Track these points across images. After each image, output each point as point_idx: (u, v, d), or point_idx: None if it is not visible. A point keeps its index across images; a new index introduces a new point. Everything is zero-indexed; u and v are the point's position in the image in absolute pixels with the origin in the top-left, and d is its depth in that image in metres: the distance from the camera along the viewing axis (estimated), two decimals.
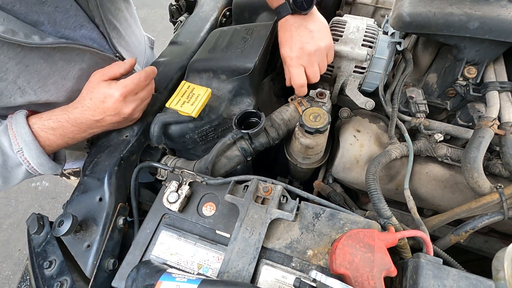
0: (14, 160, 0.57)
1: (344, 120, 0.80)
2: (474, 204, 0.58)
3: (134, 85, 0.60)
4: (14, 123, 0.57)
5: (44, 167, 0.60)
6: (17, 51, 0.52)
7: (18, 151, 0.56)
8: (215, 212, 0.56)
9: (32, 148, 0.57)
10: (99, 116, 0.59)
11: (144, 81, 0.61)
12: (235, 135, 0.65)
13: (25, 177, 0.61)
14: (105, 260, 0.55)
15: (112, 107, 0.59)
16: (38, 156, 0.58)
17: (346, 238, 0.45)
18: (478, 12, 0.59)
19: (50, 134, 0.59)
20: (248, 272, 0.46)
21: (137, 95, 0.62)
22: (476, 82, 0.68)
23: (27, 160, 0.58)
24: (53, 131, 0.59)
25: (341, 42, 0.73)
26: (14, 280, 1.87)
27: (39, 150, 0.58)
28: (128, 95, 0.59)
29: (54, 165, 0.62)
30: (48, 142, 0.60)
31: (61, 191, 2.24)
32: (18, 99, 0.58)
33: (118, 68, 0.61)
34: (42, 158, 0.59)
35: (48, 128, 0.59)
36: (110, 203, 0.58)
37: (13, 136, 0.56)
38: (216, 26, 0.89)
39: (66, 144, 0.62)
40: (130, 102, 0.61)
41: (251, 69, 0.67)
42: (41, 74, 0.58)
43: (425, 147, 0.69)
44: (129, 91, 0.59)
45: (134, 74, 0.61)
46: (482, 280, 0.42)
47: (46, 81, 0.59)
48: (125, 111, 0.60)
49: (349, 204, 0.79)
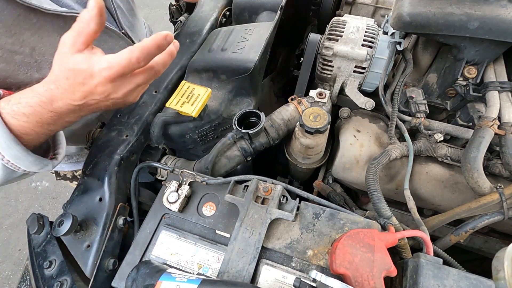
0: None
1: (344, 120, 0.80)
2: (474, 204, 0.58)
3: (122, 67, 0.44)
4: None
5: (22, 160, 0.49)
6: (33, 22, 0.52)
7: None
8: (215, 212, 0.56)
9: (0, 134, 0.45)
10: (81, 101, 0.47)
11: (137, 62, 0.45)
12: (235, 135, 0.65)
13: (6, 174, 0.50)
14: (105, 260, 0.55)
15: (98, 91, 0.46)
16: (9, 146, 0.46)
17: (346, 238, 0.45)
18: (478, 12, 0.59)
19: (23, 122, 0.47)
20: (248, 272, 0.46)
21: (130, 79, 0.48)
22: (476, 82, 0.68)
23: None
24: (25, 117, 0.47)
25: (341, 42, 0.73)
26: (14, 280, 1.87)
27: (10, 137, 0.46)
28: (116, 78, 0.45)
29: (36, 159, 0.50)
30: (22, 129, 0.47)
31: (61, 191, 2.24)
32: (35, 74, 0.56)
33: (87, 24, 0.43)
34: (15, 149, 0.47)
35: (19, 114, 0.47)
36: (110, 203, 0.58)
37: None
38: (216, 26, 0.89)
39: (49, 131, 0.51)
40: (121, 87, 0.47)
41: (251, 69, 0.67)
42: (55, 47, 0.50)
43: (425, 147, 0.69)
44: (116, 74, 0.45)
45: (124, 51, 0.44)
46: (482, 280, 0.42)
47: None
48: (116, 95, 0.48)
49: (349, 204, 0.79)
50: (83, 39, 0.44)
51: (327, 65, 0.76)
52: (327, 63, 0.75)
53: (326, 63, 0.75)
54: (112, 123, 0.69)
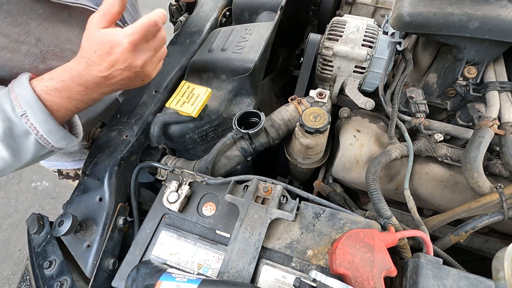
0: (20, 127, 0.51)
1: (344, 120, 0.80)
2: (474, 204, 0.58)
3: (144, 30, 0.50)
4: (16, 84, 0.52)
5: (55, 135, 0.53)
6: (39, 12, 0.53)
7: (22, 114, 0.50)
8: (215, 212, 0.56)
9: (36, 110, 0.50)
10: (107, 72, 0.52)
11: (154, 25, 0.51)
12: (235, 135, 0.65)
13: (36, 151, 0.54)
14: (105, 260, 0.55)
15: (122, 59, 0.51)
16: (45, 120, 0.51)
17: (346, 238, 0.45)
18: (478, 12, 0.59)
19: (56, 97, 0.52)
20: (248, 272, 0.46)
21: (149, 44, 0.53)
22: (476, 82, 0.68)
23: (34, 126, 0.50)
24: (58, 92, 0.52)
25: (341, 42, 0.73)
26: (14, 280, 1.87)
27: (45, 113, 0.51)
28: (138, 43, 0.51)
29: (66, 134, 0.55)
30: (55, 106, 0.52)
31: (61, 191, 2.24)
32: (40, 65, 0.57)
33: (113, 6, 0.50)
34: (50, 124, 0.51)
35: (52, 89, 0.51)
36: (110, 203, 0.58)
37: (15, 98, 0.50)
38: (216, 26, 0.89)
39: (75, 108, 0.55)
40: (141, 52, 0.52)
41: (251, 69, 0.67)
42: (60, 39, 0.57)
43: (425, 147, 0.69)
44: (139, 38, 0.50)
45: (142, 18, 0.51)
46: (482, 280, 0.42)
47: (64, 46, 0.59)
48: (137, 63, 0.53)
49: (349, 204, 0.79)
50: (108, 18, 0.50)
51: (327, 65, 0.76)
52: (327, 63, 0.75)
53: (326, 63, 0.75)
54: (112, 123, 0.69)
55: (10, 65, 0.55)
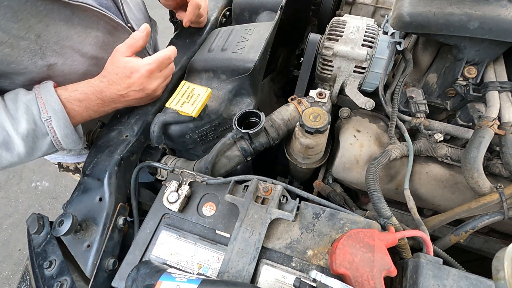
0: (41, 129, 0.57)
1: (344, 120, 0.80)
2: (474, 204, 0.58)
3: (159, 62, 0.62)
4: (42, 92, 0.57)
5: (68, 139, 0.60)
6: (40, 9, 0.53)
7: (47, 119, 0.56)
8: (215, 212, 0.56)
9: (60, 117, 0.57)
10: (124, 91, 0.61)
11: (168, 59, 0.64)
12: (235, 135, 0.65)
13: (47, 150, 0.60)
14: (105, 260, 0.55)
15: (138, 83, 0.61)
16: (65, 126, 0.58)
17: (346, 238, 0.45)
18: (478, 12, 0.59)
19: (76, 106, 0.60)
20: (248, 272, 0.46)
21: (162, 72, 0.64)
22: (476, 82, 0.67)
23: (54, 130, 0.57)
24: (79, 102, 0.60)
25: (341, 42, 0.73)
26: (14, 280, 1.87)
27: (67, 120, 0.58)
28: (154, 71, 0.62)
29: (77, 138, 0.61)
30: (73, 113, 0.60)
31: (61, 191, 2.24)
32: (39, 61, 0.58)
33: (137, 41, 0.63)
34: (68, 129, 0.59)
35: (75, 99, 0.59)
36: (110, 203, 0.58)
37: (42, 104, 0.56)
38: (216, 26, 0.89)
39: (89, 117, 0.63)
40: (154, 79, 0.63)
41: (251, 69, 0.67)
42: (60, 36, 0.59)
43: (425, 147, 0.69)
44: (155, 68, 0.62)
45: (159, 52, 0.64)
46: (482, 280, 0.42)
47: (64, 44, 0.60)
48: (150, 87, 0.63)
49: (349, 204, 0.79)
50: (132, 49, 0.63)
51: (327, 65, 0.76)
52: (327, 63, 0.75)
53: (326, 63, 0.75)
54: (112, 123, 0.69)
55: (9, 60, 0.55)
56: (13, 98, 0.57)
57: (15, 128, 0.55)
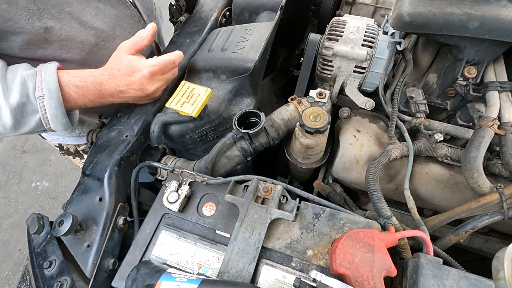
0: (32, 105, 0.57)
1: (344, 120, 0.80)
2: (474, 204, 0.58)
3: (163, 65, 0.62)
4: (44, 70, 0.58)
5: (58, 121, 0.60)
6: None
7: (39, 96, 0.56)
8: (215, 212, 0.56)
9: (54, 97, 0.57)
10: (124, 88, 0.62)
11: (173, 63, 0.64)
12: (235, 135, 0.65)
13: (35, 127, 0.60)
14: (105, 260, 0.55)
15: (138, 82, 0.61)
16: (56, 106, 0.58)
17: (346, 238, 0.45)
18: (478, 12, 0.59)
19: (72, 91, 0.60)
20: (248, 272, 0.46)
21: (163, 76, 0.64)
22: (476, 82, 0.67)
23: (45, 108, 0.57)
24: (76, 88, 0.60)
25: (341, 42, 0.73)
26: (14, 280, 1.87)
27: (59, 101, 0.58)
28: (156, 74, 0.62)
29: (67, 122, 0.61)
30: (68, 97, 0.60)
31: (61, 191, 2.24)
32: (36, 22, 0.58)
33: (142, 40, 0.63)
34: (59, 110, 0.59)
35: (73, 84, 0.60)
36: (110, 203, 0.58)
37: (39, 82, 0.57)
38: (216, 26, 0.89)
39: (84, 105, 0.63)
40: (155, 81, 0.63)
41: (251, 69, 0.67)
42: (59, 1, 0.59)
43: (425, 147, 0.69)
44: (157, 71, 0.62)
45: (164, 55, 0.63)
46: (482, 280, 0.42)
47: (63, 9, 0.60)
48: (149, 88, 0.63)
49: (349, 204, 0.79)
50: (136, 48, 0.63)
51: (327, 65, 0.76)
52: (327, 63, 0.75)
53: (326, 63, 0.75)
54: (112, 123, 0.69)
55: (6, 16, 0.55)
56: (13, 69, 0.57)
57: (6, 97, 0.55)
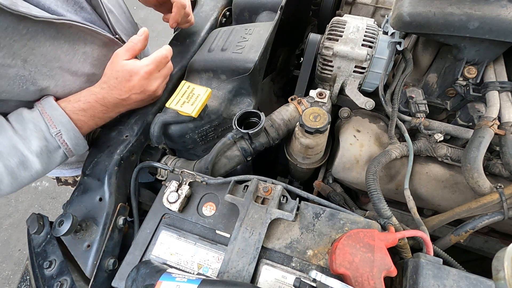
0: (52, 144, 0.57)
1: (344, 120, 0.80)
2: (474, 204, 0.58)
3: (157, 62, 0.63)
4: (46, 107, 0.58)
5: (79, 147, 0.61)
6: (23, 33, 0.51)
7: (56, 134, 0.57)
8: (215, 212, 0.56)
9: (69, 129, 0.58)
10: (126, 95, 0.62)
11: (166, 58, 0.65)
12: (235, 135, 0.65)
13: (61, 161, 0.61)
14: (105, 260, 0.55)
15: (138, 85, 0.61)
16: (75, 136, 0.59)
17: (346, 238, 0.45)
18: (478, 12, 0.59)
19: (82, 116, 0.60)
20: (248, 272, 0.46)
21: (160, 72, 0.65)
22: (476, 82, 0.67)
23: (65, 142, 0.58)
24: (84, 112, 0.60)
25: (341, 42, 0.73)
26: (14, 280, 1.87)
27: (76, 130, 0.59)
28: (153, 72, 0.63)
29: (86, 144, 0.62)
30: (80, 123, 0.60)
31: (61, 191, 2.24)
32: (31, 87, 0.57)
33: (136, 44, 0.63)
34: (79, 139, 0.60)
35: (79, 109, 0.60)
36: (110, 203, 0.58)
37: (49, 120, 0.57)
38: (216, 26, 0.89)
39: (95, 125, 0.63)
40: (154, 80, 0.64)
41: (251, 69, 0.67)
42: (47, 58, 0.56)
43: (425, 147, 0.69)
44: (153, 69, 0.62)
45: (155, 52, 0.64)
46: (482, 280, 0.42)
47: (53, 65, 0.58)
48: (150, 88, 0.64)
49: (349, 204, 0.79)
50: (131, 53, 0.63)
51: (327, 65, 0.76)
52: (327, 63, 0.75)
53: (326, 63, 0.75)
54: (112, 123, 0.69)
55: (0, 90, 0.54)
56: (18, 119, 0.57)
57: (28, 147, 0.55)
